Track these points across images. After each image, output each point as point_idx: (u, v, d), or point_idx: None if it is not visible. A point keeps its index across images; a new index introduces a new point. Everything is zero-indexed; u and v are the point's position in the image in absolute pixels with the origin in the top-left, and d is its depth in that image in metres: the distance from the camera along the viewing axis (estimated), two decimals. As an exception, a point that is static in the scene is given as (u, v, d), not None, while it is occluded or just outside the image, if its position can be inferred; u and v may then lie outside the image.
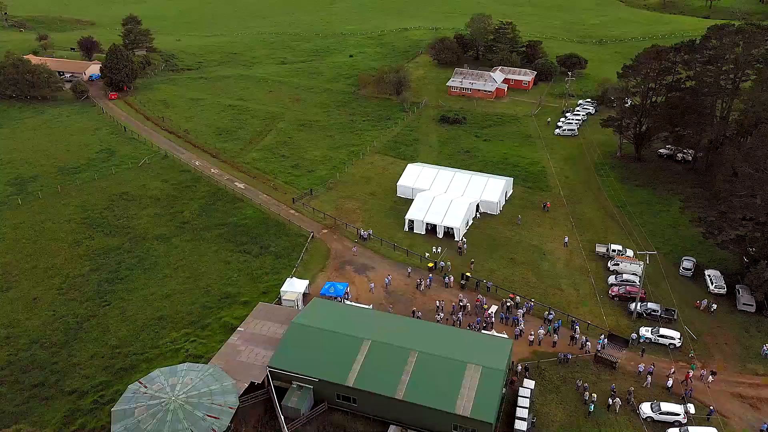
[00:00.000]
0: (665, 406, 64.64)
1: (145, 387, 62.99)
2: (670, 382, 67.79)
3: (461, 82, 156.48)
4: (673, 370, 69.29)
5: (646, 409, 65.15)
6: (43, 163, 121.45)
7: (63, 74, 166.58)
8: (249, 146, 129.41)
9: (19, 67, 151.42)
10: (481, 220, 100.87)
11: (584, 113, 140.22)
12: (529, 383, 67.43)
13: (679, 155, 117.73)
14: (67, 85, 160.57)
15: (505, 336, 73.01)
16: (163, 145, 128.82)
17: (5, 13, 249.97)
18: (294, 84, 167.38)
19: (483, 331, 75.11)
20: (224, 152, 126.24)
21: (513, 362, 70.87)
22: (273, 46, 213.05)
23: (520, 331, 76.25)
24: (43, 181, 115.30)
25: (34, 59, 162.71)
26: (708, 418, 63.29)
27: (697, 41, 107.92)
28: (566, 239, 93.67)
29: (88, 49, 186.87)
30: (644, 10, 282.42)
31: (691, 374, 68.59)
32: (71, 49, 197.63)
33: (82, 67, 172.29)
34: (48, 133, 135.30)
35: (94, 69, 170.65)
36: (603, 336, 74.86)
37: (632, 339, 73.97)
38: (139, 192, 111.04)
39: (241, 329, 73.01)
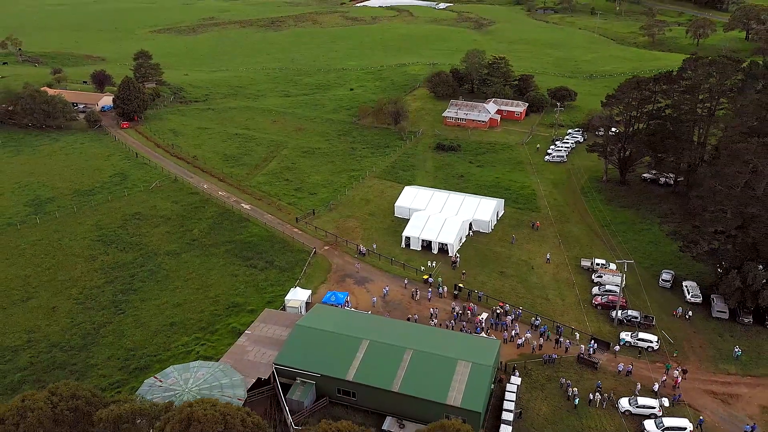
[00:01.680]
0: (642, 401, 69.92)
1: (161, 381, 68.26)
2: (656, 387, 72.65)
3: (456, 112, 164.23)
4: (664, 378, 74.05)
5: (624, 403, 70.39)
6: (59, 186, 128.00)
7: (77, 105, 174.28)
8: (254, 171, 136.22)
9: (36, 98, 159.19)
10: (474, 237, 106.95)
11: (573, 141, 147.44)
12: (516, 380, 72.72)
13: (662, 179, 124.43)
14: (81, 116, 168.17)
15: (494, 338, 78.44)
16: (172, 170, 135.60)
17: (19, 49, 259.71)
18: (297, 115, 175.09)
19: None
20: (231, 177, 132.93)
21: (501, 362, 76.22)
22: (276, 81, 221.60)
23: (511, 336, 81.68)
24: (60, 202, 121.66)
25: (50, 91, 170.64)
26: (700, 426, 67.26)
27: (675, 72, 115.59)
28: (548, 256, 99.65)
29: (100, 82, 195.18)
30: (634, 47, 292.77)
31: (679, 380, 73.49)
32: (83, 82, 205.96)
33: (94, 99, 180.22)
34: (63, 158, 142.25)
35: (106, 100, 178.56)
36: (593, 341, 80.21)
37: (615, 350, 78.94)
38: (151, 212, 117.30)
39: (249, 332, 78.55)
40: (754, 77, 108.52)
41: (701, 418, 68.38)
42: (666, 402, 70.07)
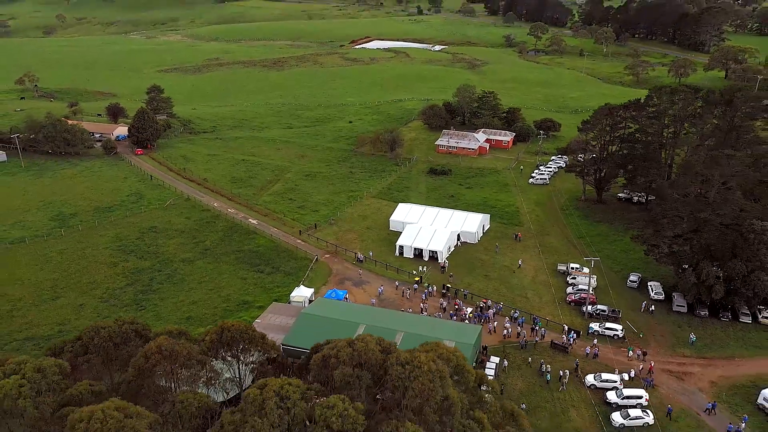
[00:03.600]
0: (605, 376, 79.69)
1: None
2: (632, 373, 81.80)
3: (448, 141, 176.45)
4: (642, 366, 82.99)
5: (590, 378, 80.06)
6: (80, 204, 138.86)
7: (93, 134, 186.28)
8: (261, 192, 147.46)
9: (57, 127, 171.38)
10: (462, 247, 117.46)
11: (555, 166, 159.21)
12: (495, 359, 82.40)
13: (635, 198, 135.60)
14: (98, 144, 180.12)
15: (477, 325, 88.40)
16: (185, 190, 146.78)
17: (36, 85, 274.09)
18: (299, 143, 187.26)
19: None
20: (239, 196, 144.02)
21: (484, 346, 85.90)
22: (279, 114, 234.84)
23: (494, 327, 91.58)
24: (82, 217, 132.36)
25: (69, 121, 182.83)
26: (668, 416, 74.64)
27: (642, 100, 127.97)
28: (520, 262, 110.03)
29: (114, 114, 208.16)
30: (619, 86, 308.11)
31: (653, 365, 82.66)
32: (98, 114, 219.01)
33: (110, 129, 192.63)
34: (83, 180, 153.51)
35: (120, 130, 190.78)
36: (573, 333, 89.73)
37: (595, 343, 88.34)
38: (166, 226, 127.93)
39: (259, 321, 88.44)
40: (712, 104, 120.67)
41: (669, 407, 76.62)
42: (626, 376, 79.74)
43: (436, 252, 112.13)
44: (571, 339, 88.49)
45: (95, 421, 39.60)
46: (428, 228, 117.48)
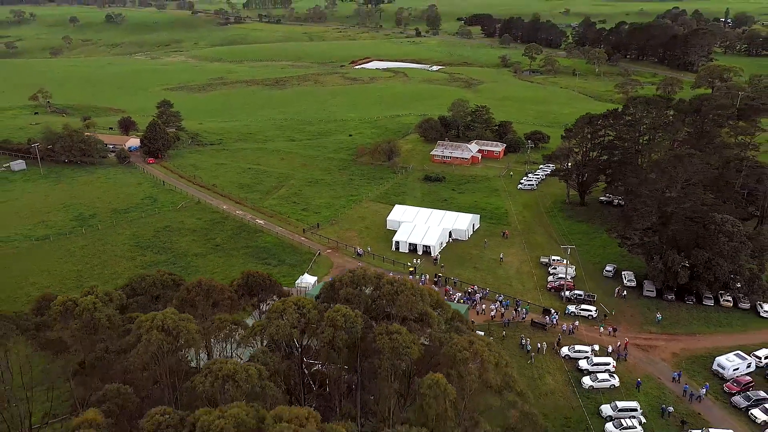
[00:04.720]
0: (578, 347, 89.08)
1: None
2: (610, 348, 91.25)
3: (443, 151, 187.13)
4: (619, 343, 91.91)
5: (564, 350, 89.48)
6: (98, 206, 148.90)
7: (107, 145, 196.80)
8: (266, 196, 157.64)
9: (74, 137, 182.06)
10: (453, 244, 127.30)
11: (542, 174, 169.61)
12: (480, 333, 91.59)
13: (616, 201, 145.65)
14: (111, 154, 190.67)
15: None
16: (195, 194, 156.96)
17: (48, 102, 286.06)
18: (302, 154, 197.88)
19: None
20: (246, 200, 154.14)
21: (471, 322, 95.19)
22: (282, 129, 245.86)
23: (482, 309, 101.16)
24: (100, 217, 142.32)
25: (84, 133, 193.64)
26: (637, 388, 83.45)
27: (619, 110, 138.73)
28: (501, 255, 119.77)
29: (126, 127, 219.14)
30: (610, 103, 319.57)
31: (627, 342, 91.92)
32: (110, 128, 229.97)
33: (122, 140, 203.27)
34: (99, 186, 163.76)
35: (132, 142, 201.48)
36: (555, 312, 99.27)
37: (576, 324, 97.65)
38: (179, 226, 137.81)
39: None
40: (683, 112, 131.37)
41: (639, 380, 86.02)
42: (597, 347, 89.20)
43: (429, 247, 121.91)
44: (554, 319, 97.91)
45: (158, 320, 50.73)
46: (422, 225, 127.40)
